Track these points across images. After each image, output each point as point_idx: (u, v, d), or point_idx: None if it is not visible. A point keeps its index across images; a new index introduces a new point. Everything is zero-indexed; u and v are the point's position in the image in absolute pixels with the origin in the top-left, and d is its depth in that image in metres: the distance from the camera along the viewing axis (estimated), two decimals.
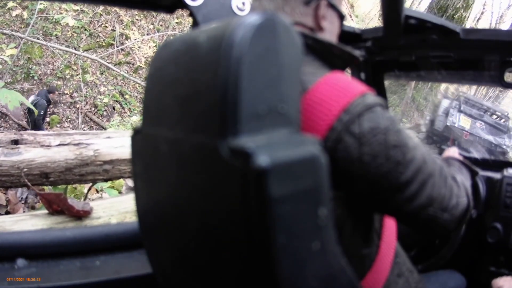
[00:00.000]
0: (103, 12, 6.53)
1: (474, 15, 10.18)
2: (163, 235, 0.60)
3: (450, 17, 5.95)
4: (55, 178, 1.95)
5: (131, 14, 6.69)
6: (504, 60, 0.99)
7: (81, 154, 1.99)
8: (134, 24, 6.74)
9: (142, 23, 6.76)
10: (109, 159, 2.06)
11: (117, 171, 2.11)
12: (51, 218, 1.32)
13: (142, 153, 0.62)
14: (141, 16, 6.77)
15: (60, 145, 1.96)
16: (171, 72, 0.54)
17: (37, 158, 1.89)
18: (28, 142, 1.93)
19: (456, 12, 5.97)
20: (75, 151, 1.98)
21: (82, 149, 2.00)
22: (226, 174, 0.42)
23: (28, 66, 6.06)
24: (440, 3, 6.06)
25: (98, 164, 2.04)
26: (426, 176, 0.56)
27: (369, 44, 1.10)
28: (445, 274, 1.07)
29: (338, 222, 0.55)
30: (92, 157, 2.01)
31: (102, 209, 1.61)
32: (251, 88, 0.41)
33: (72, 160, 1.96)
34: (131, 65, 6.53)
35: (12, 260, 0.78)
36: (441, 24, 0.91)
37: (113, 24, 6.51)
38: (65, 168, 1.95)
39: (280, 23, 0.44)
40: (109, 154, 2.06)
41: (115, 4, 0.93)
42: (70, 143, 1.99)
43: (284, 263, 0.40)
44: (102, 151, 2.04)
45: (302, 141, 0.43)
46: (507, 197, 1.14)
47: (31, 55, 6.08)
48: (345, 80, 0.55)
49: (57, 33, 6.23)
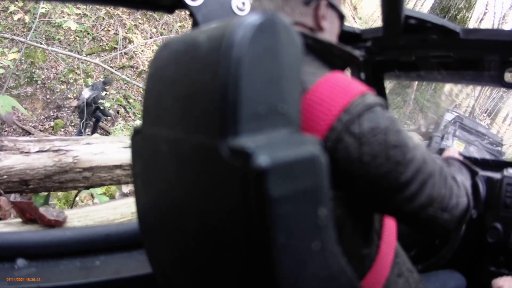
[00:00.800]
0: (105, 16, 6.51)
1: (477, 16, 10.19)
2: (163, 235, 0.60)
3: (452, 18, 5.94)
4: (34, 185, 1.90)
5: (134, 18, 6.67)
6: (504, 60, 0.99)
7: (60, 161, 1.93)
8: (137, 27, 6.73)
9: (145, 26, 6.75)
10: (88, 166, 2.00)
11: (97, 178, 2.05)
12: (24, 226, 1.31)
13: (142, 153, 0.62)
14: (144, 19, 6.75)
15: (39, 152, 1.90)
16: (171, 72, 0.54)
17: (16, 165, 1.84)
18: (8, 149, 1.87)
19: (458, 13, 5.96)
20: (54, 158, 1.92)
21: (61, 155, 1.94)
22: (226, 174, 0.42)
23: (31, 71, 6.04)
24: (442, 3, 6.06)
25: (78, 171, 1.98)
26: (426, 176, 0.56)
27: (369, 44, 1.10)
28: (445, 274, 1.07)
29: (338, 222, 0.55)
30: (71, 164, 1.95)
31: (77, 218, 1.60)
32: (251, 88, 0.41)
33: (51, 167, 1.90)
34: (135, 69, 6.51)
35: (12, 260, 0.78)
36: (441, 24, 0.91)
37: (116, 28, 6.50)
38: (44, 175, 1.89)
39: (280, 23, 0.44)
40: (88, 161, 2.00)
41: (115, 4, 0.93)
42: (49, 150, 1.93)
43: (284, 263, 0.40)
44: (82, 158, 1.99)
45: (302, 141, 0.43)
46: (507, 197, 1.14)
47: (34, 59, 6.06)
48: (345, 80, 0.55)
49: (59, 37, 6.21)
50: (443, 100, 7.71)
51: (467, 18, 6.12)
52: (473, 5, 6.20)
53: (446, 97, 9.29)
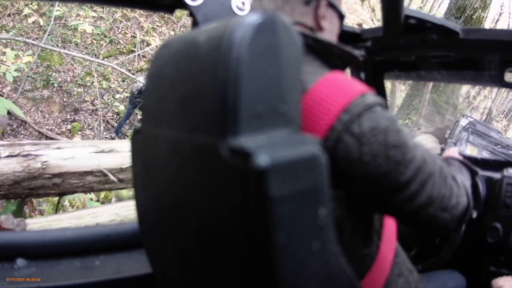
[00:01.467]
0: (122, 19, 6.50)
1: (493, 17, 10.14)
2: (163, 235, 0.60)
3: (468, 18, 5.89)
4: (5, 192, 1.79)
5: (152, 20, 6.67)
6: (504, 60, 0.99)
7: (29, 166, 1.80)
8: (155, 30, 6.71)
9: (163, 29, 6.74)
10: (58, 172, 1.87)
11: (68, 185, 1.92)
12: None
13: (142, 153, 0.62)
14: (162, 22, 6.74)
15: (8, 157, 1.78)
16: (171, 72, 0.54)
17: None
18: None
19: (474, 12, 5.92)
20: (23, 163, 1.80)
21: (30, 160, 1.81)
22: (226, 174, 0.42)
23: (47, 73, 6.04)
24: (458, 3, 6.02)
25: (47, 177, 1.85)
26: (426, 176, 0.56)
27: (369, 44, 1.10)
28: (445, 274, 1.07)
29: (338, 222, 0.55)
30: (39, 170, 1.82)
31: (38, 228, 1.56)
32: (251, 88, 0.41)
33: (20, 172, 1.78)
34: None
35: (12, 260, 0.78)
36: (441, 24, 0.91)
37: (134, 31, 6.49)
38: (14, 181, 1.77)
39: (280, 23, 0.44)
40: (58, 167, 1.87)
41: (116, 4, 0.93)
42: (19, 155, 1.81)
43: (284, 263, 0.40)
44: (51, 163, 1.86)
45: (302, 141, 0.43)
46: (507, 197, 1.14)
47: (50, 62, 6.06)
48: (345, 80, 0.55)
49: (76, 40, 6.20)
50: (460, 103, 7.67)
51: (482, 18, 6.07)
52: (488, 5, 6.16)
53: (464, 99, 9.24)
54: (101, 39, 6.40)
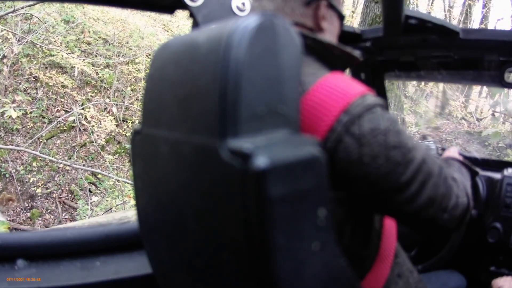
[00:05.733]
0: (57, 96, 6.17)
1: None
2: (163, 235, 0.60)
3: None
4: None
5: (84, 92, 6.45)
6: (504, 60, 0.99)
7: None
8: (90, 101, 6.40)
9: (96, 98, 6.48)
10: None
11: None
12: None
13: (142, 153, 0.62)
14: (96, 92, 6.50)
15: None
16: (170, 73, 0.54)
17: None
18: None
19: None
20: None
21: None
22: (226, 175, 0.42)
23: None
24: None
25: None
26: (426, 177, 0.56)
27: (369, 44, 1.10)
28: (445, 274, 1.07)
29: (338, 223, 0.55)
30: None
31: None
32: (251, 89, 0.41)
33: None
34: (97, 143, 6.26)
35: (12, 260, 0.78)
36: (441, 24, 0.91)
37: (70, 106, 6.22)
38: None
39: (280, 24, 0.44)
40: None
41: (115, 4, 0.92)
42: None
43: (283, 264, 0.40)
44: None
45: (302, 142, 0.43)
46: (507, 197, 1.14)
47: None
48: (345, 81, 0.55)
49: (17, 127, 5.68)
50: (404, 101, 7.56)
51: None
52: None
53: (416, 90, 9.08)
54: (39, 121, 6.17)
